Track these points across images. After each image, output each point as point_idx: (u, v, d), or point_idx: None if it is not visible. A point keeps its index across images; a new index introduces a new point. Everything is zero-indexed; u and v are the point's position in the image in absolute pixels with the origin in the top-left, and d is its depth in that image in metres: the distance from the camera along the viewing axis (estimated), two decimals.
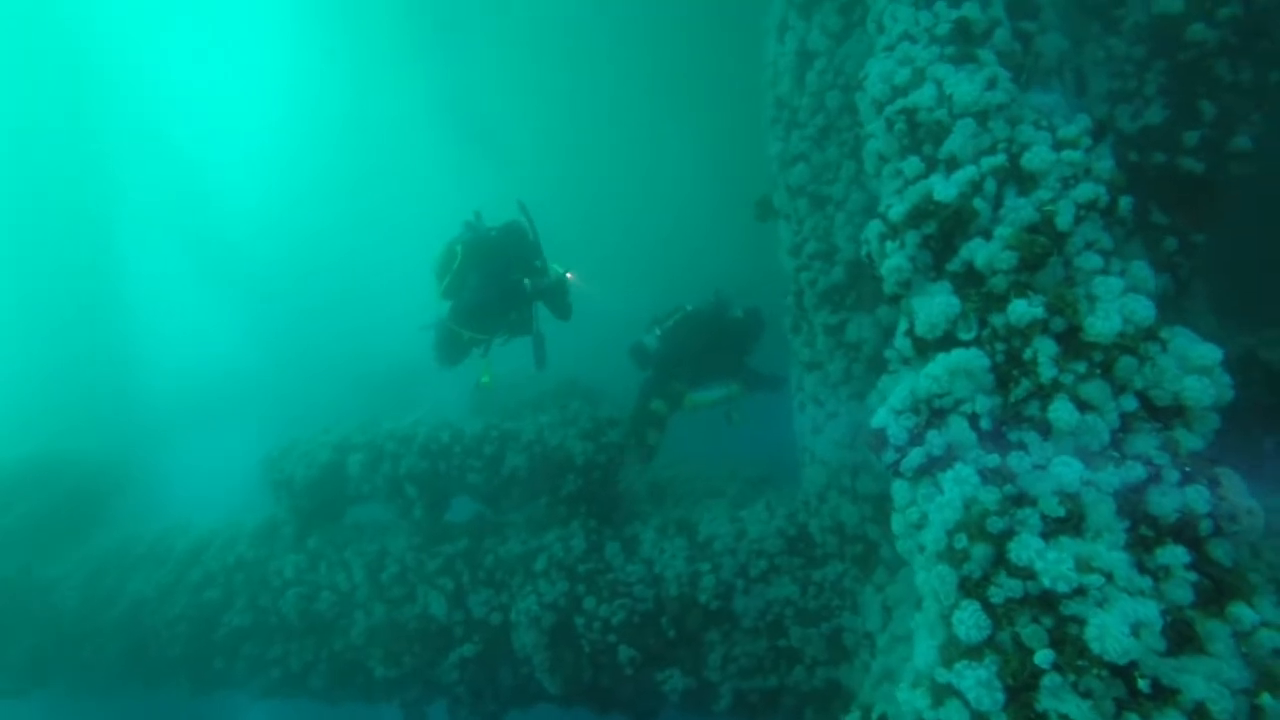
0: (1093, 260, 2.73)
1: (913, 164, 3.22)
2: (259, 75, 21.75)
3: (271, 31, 21.12)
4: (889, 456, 2.44)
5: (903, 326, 2.77)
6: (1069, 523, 2.09)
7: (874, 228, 3.08)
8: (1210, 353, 2.32)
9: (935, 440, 2.36)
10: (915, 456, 2.38)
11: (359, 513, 6.93)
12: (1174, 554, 2.03)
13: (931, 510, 2.27)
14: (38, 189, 19.58)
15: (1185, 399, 2.28)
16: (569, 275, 6.56)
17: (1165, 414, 2.33)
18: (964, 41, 3.62)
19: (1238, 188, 4.99)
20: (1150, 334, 2.40)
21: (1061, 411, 2.23)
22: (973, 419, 2.34)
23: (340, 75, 20.20)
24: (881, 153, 3.46)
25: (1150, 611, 1.87)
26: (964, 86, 3.23)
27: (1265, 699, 1.90)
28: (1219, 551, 2.07)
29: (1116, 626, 1.84)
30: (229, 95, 22.25)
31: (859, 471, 5.13)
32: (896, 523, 2.42)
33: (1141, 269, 2.82)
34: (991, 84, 3.23)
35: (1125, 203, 3.01)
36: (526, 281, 6.36)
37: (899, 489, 2.44)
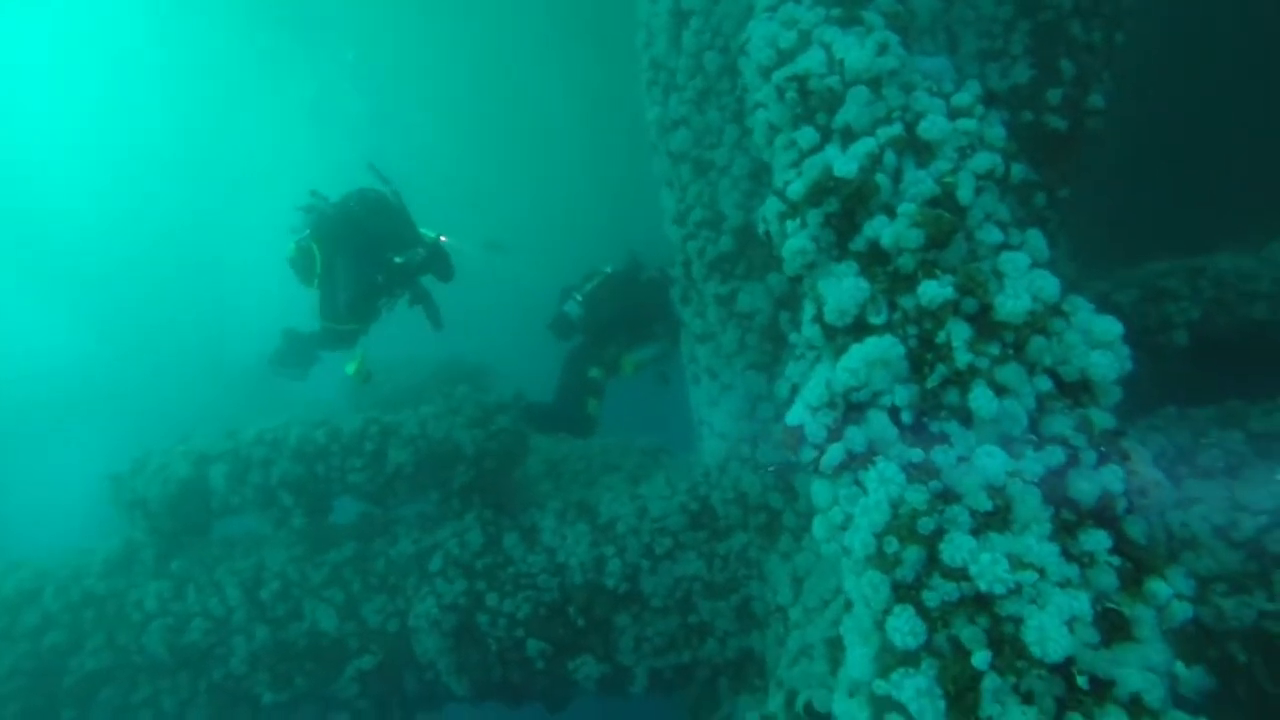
0: (993, 233, 2.68)
1: (807, 135, 3.07)
2: (71, 41, 19.13)
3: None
4: (807, 455, 2.31)
5: (809, 312, 2.64)
6: (997, 516, 2.03)
7: (772, 206, 2.91)
8: (1111, 326, 2.31)
9: (855, 436, 2.25)
10: (835, 454, 2.27)
11: (230, 525, 6.32)
12: (1097, 539, 2.01)
13: (857, 512, 2.16)
14: None
15: (1092, 375, 2.27)
16: (442, 239, 6.16)
17: (1073, 390, 2.31)
18: (849, 2, 3.48)
19: (1092, 142, 5.21)
20: (1056, 309, 2.37)
21: (981, 399, 2.16)
22: (893, 412, 2.24)
23: (158, 27, 18.05)
24: (773, 122, 3.30)
25: (1082, 604, 1.84)
26: (855, 52, 3.09)
27: (1179, 667, 1.92)
28: (1134, 530, 2.08)
29: (1054, 625, 1.80)
30: (43, 72, 19.50)
31: (758, 441, 5.10)
32: (819, 525, 2.31)
33: (1037, 239, 2.80)
34: (883, 49, 3.11)
35: (1018, 170, 2.99)
36: (398, 259, 5.90)
37: (819, 489, 2.33)
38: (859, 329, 2.49)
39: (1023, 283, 2.40)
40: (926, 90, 3.03)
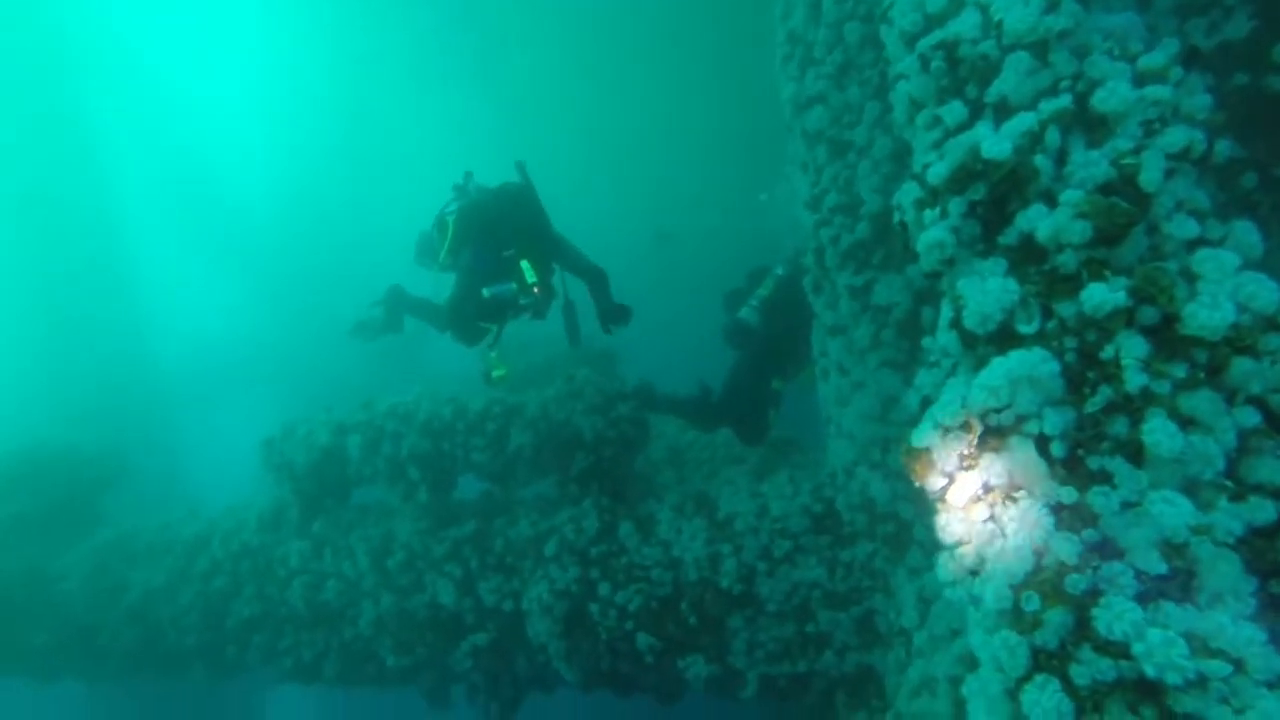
0: (1187, 226, 2.21)
1: (954, 110, 2.67)
2: (248, 36, 20.89)
3: None
4: (935, 484, 1.99)
5: (946, 316, 2.29)
6: (1174, 582, 1.64)
7: (909, 191, 2.56)
8: None
9: (994, 466, 1.91)
10: (968, 485, 1.93)
11: (365, 494, 6.65)
12: None
13: (991, 557, 1.83)
14: (36, 179, 19.05)
15: None
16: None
17: None
18: None
19: None
20: (1272, 323, 1.90)
21: (1159, 432, 1.75)
22: (1041, 441, 1.87)
23: (331, 28, 19.32)
24: (915, 97, 2.91)
25: None
26: (1016, 10, 2.65)
27: None
28: None
29: None
30: (220, 62, 21.47)
31: (890, 445, 4.69)
32: (943, 566, 1.99)
33: (1247, 231, 2.30)
34: (1051, 5, 2.64)
35: (1223, 148, 2.47)
36: (485, 292, 5.41)
37: (948, 523, 2.00)
38: (1004, 338, 2.12)
39: (1225, 288, 1.94)
40: (1106, 53, 2.55)
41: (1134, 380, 1.86)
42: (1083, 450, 1.87)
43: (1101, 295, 2.00)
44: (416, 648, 5.91)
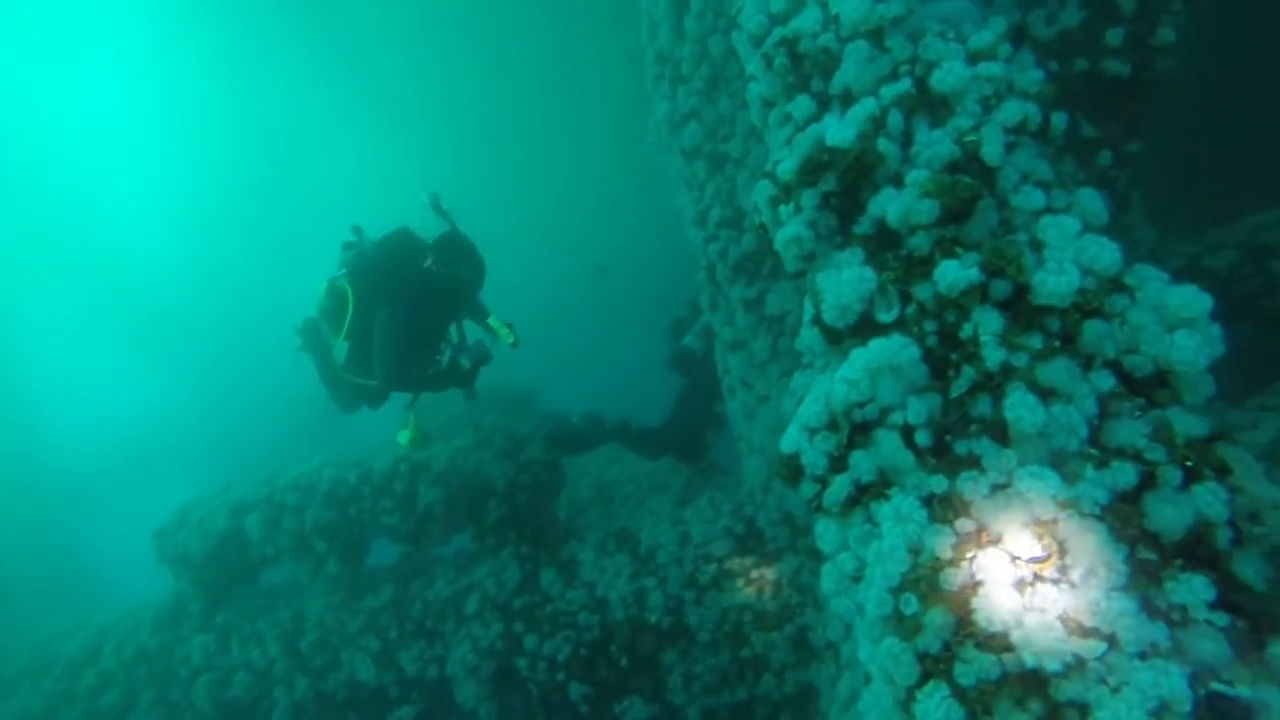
0: (1033, 197, 2.18)
1: (802, 104, 2.62)
2: (131, 86, 20.00)
3: (133, 34, 19.26)
4: (807, 490, 1.87)
5: (808, 313, 2.20)
6: (1048, 562, 1.54)
7: (763, 190, 2.48)
8: (1194, 300, 1.78)
9: (863, 463, 1.80)
10: (840, 487, 1.82)
11: (274, 574, 6.22)
12: (1193, 587, 1.50)
13: (870, 559, 1.70)
14: None
15: (1173, 364, 1.75)
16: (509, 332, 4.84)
17: (1146, 387, 1.80)
18: None
19: (1163, 86, 4.53)
20: (1116, 283, 1.86)
21: (1020, 407, 1.67)
22: (906, 432, 1.77)
23: (221, 71, 18.63)
24: (765, 96, 2.86)
25: (1175, 685, 1.34)
26: (851, 2, 2.64)
27: None
28: (1247, 570, 1.55)
29: (1133, 716, 1.30)
30: (104, 115, 20.50)
31: None
32: (827, 576, 1.86)
33: (1091, 199, 2.28)
34: None
35: (1059, 120, 2.48)
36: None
37: (824, 530, 1.88)
38: (866, 329, 2.04)
39: (1069, 253, 1.90)
40: (939, 36, 2.55)
41: (992, 357, 1.79)
42: (950, 435, 1.78)
43: (954, 273, 1.93)
44: None
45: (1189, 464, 1.61)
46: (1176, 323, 1.78)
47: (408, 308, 4.77)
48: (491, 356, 4.78)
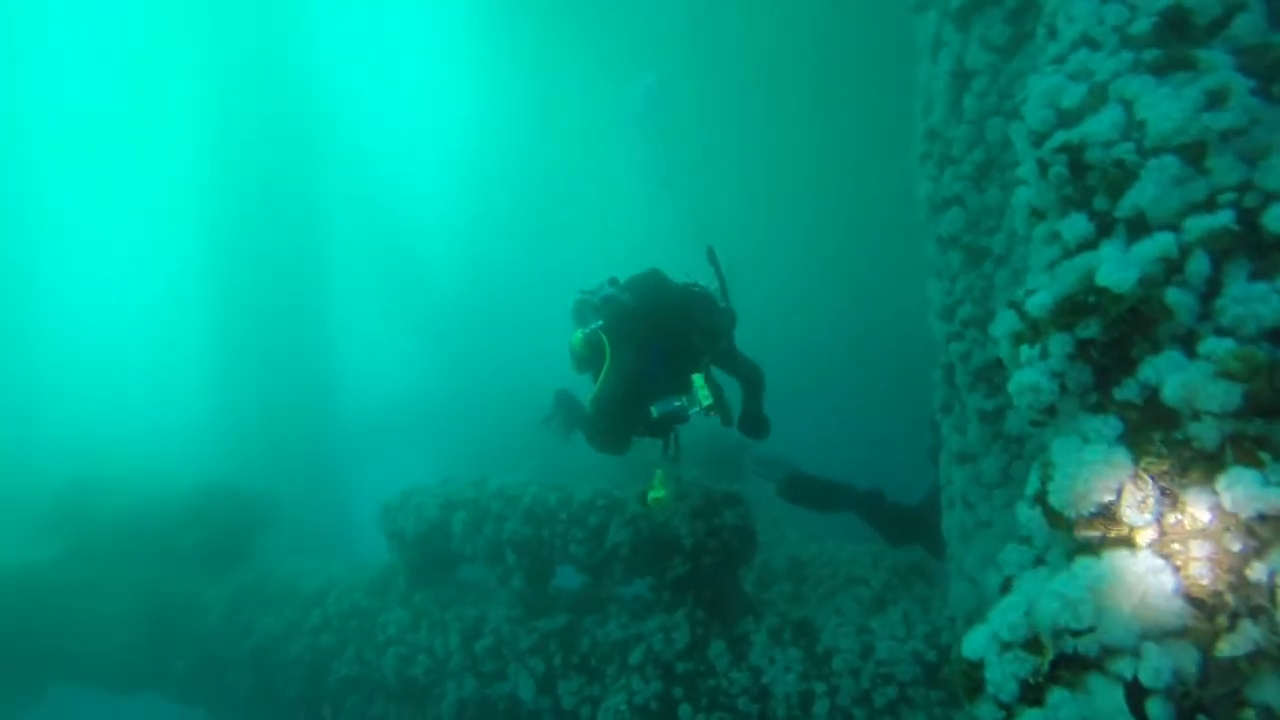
0: None
1: (1076, 225, 2.21)
2: (446, 93, 22.73)
3: (454, 46, 21.82)
4: (986, 712, 1.51)
5: (1032, 485, 1.81)
6: None
7: (1006, 321, 2.11)
8: None
9: (1066, 710, 1.41)
10: None
11: (470, 571, 6.66)
12: None
13: None
14: (259, 237, 21.52)
15: None
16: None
17: None
18: (1176, 40, 2.51)
19: None
20: None
21: None
22: (1134, 692, 1.36)
23: (527, 89, 20.47)
24: (1034, 205, 2.46)
25: None
26: (1164, 105, 2.17)
27: None
28: None
29: None
30: (420, 116, 23.50)
31: None
32: None
33: None
34: (1215, 99, 2.14)
35: None
36: (653, 410, 4.60)
37: None
38: (1106, 528, 1.62)
39: None
40: None
41: None
42: (1199, 712, 1.33)
43: (1251, 487, 1.47)
44: None
45: None
46: None
47: (649, 354, 4.60)
48: (687, 418, 4.63)
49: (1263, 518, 1.43)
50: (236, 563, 8.31)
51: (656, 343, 4.58)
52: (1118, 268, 1.89)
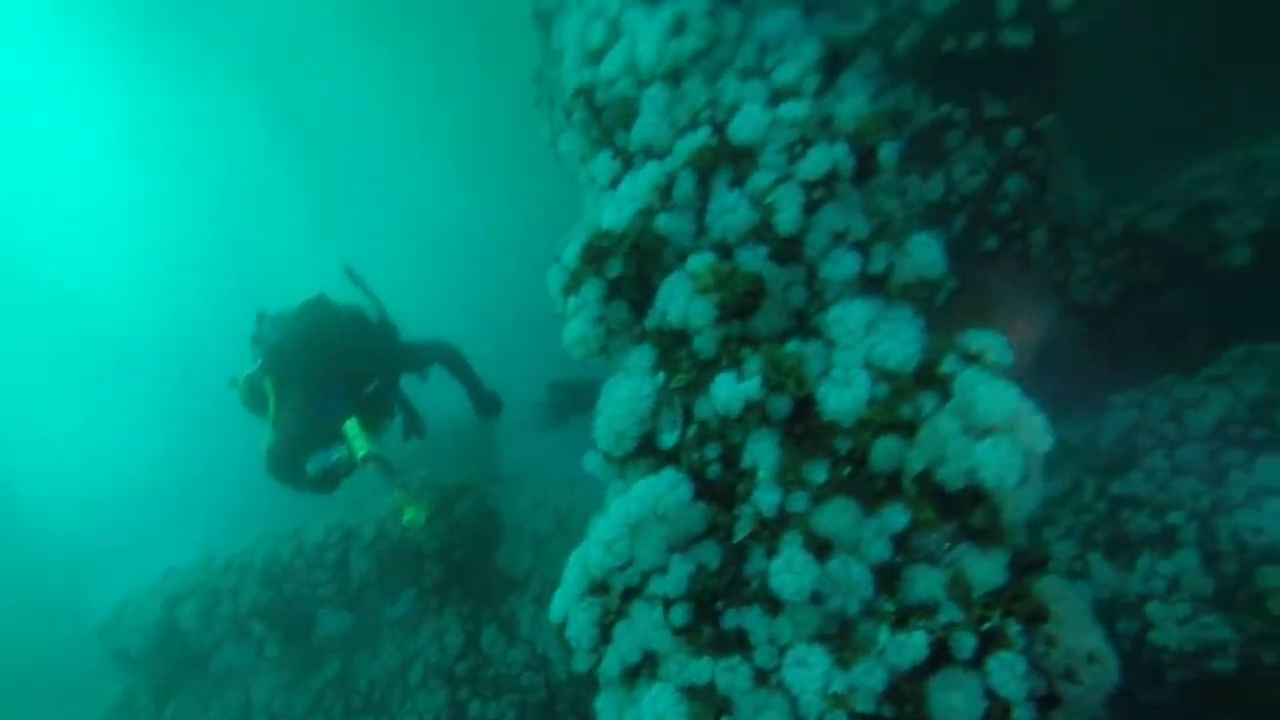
0: (845, 263, 1.86)
1: (603, 164, 2.31)
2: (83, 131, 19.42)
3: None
4: (579, 664, 1.59)
5: (596, 433, 1.90)
6: None
7: (554, 278, 2.18)
8: (998, 401, 1.48)
9: (626, 640, 1.51)
10: (611, 664, 1.53)
11: (222, 654, 6.01)
12: None
13: None
14: None
15: (981, 482, 1.45)
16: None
17: (960, 503, 1.50)
18: None
19: (1073, 51, 4.17)
20: (926, 377, 1.55)
21: (785, 572, 1.38)
22: (666, 606, 1.48)
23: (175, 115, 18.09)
24: (578, 152, 2.55)
25: None
26: (645, 39, 2.31)
27: None
28: None
29: None
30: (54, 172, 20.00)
31: None
32: None
33: (923, 248, 1.96)
34: (679, 26, 2.31)
35: (889, 152, 2.14)
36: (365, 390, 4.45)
37: (604, 706, 1.60)
38: (647, 454, 1.74)
39: (857, 353, 1.58)
40: (740, 73, 2.22)
41: (766, 500, 1.49)
42: (724, 601, 1.49)
43: (729, 390, 1.63)
44: None
45: (985, 626, 1.31)
46: (982, 429, 1.48)
47: (313, 394, 4.28)
48: (349, 471, 4.30)
49: (742, 415, 1.60)
50: None
51: (319, 376, 4.28)
52: (616, 208, 2.00)
